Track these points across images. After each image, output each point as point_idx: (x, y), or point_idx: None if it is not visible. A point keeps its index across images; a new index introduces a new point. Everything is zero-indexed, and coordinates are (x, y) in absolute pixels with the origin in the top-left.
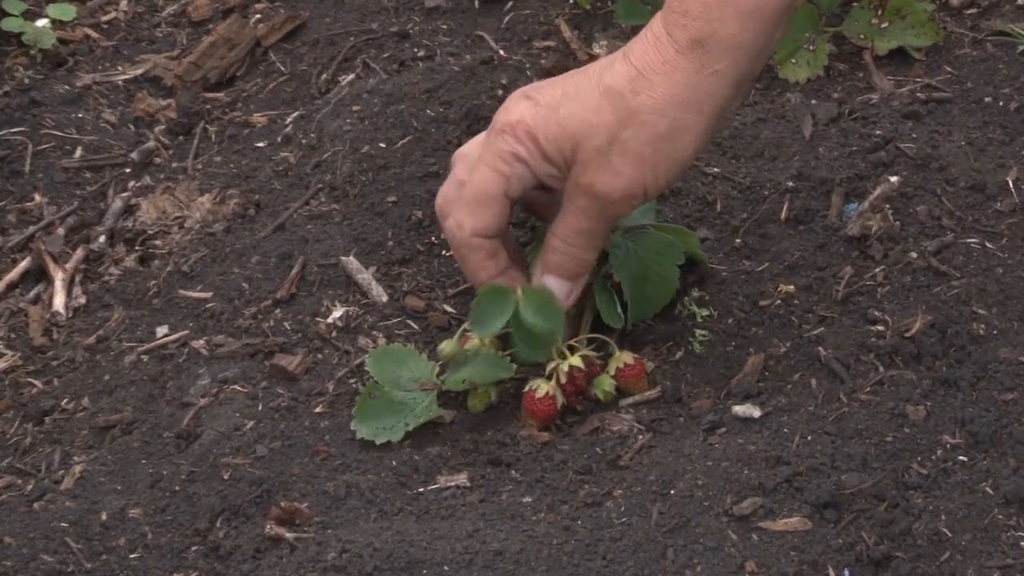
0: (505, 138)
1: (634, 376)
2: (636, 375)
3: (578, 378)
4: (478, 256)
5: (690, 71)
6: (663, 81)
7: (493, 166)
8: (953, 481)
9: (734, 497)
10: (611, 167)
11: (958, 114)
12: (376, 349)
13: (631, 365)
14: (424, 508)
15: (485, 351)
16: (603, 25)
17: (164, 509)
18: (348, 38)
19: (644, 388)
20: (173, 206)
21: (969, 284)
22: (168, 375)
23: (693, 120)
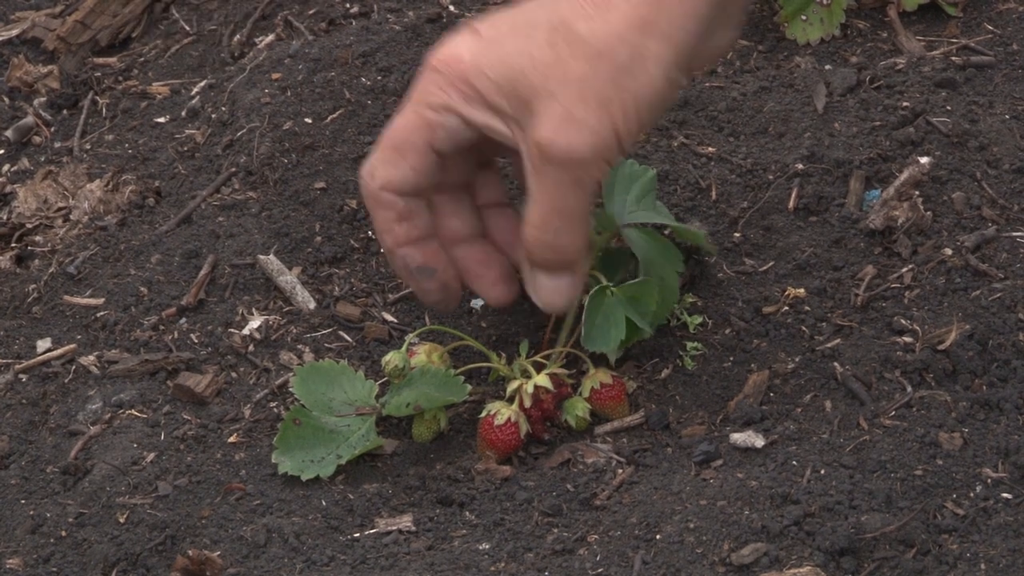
0: (435, 78)
1: (612, 399)
2: (615, 397)
3: (545, 401)
4: (385, 215)
5: None
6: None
7: (417, 110)
8: (995, 523)
9: (732, 543)
10: (572, 117)
11: (1001, 82)
12: (303, 366)
13: (608, 385)
14: (360, 557)
15: (434, 369)
16: None
17: (48, 559)
18: None
19: (625, 412)
20: (56, 194)
21: (1015, 287)
22: (51, 398)
23: (659, 46)
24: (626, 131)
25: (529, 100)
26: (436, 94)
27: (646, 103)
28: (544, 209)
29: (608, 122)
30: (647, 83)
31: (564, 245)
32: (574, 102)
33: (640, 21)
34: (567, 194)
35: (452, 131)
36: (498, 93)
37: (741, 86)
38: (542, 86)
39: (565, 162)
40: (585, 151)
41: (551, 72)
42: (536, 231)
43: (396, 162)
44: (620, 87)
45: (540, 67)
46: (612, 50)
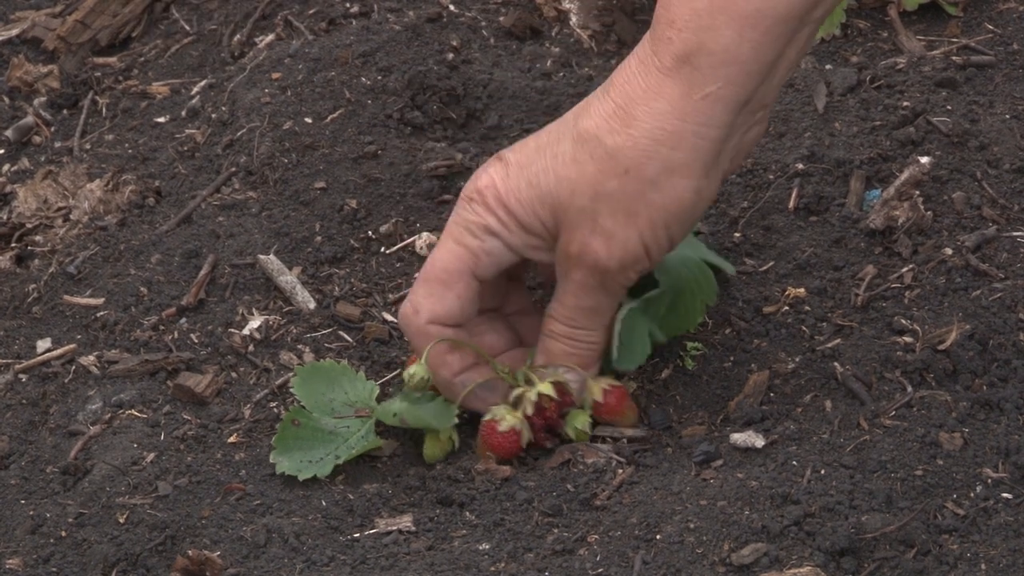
0: (473, 207)
1: (614, 409)
2: (616, 406)
3: (548, 409)
4: (438, 348)
5: (676, 97)
6: (645, 113)
7: (458, 239)
8: (995, 523)
9: (733, 543)
10: (601, 230)
11: (1002, 81)
12: (303, 366)
13: (609, 392)
14: (360, 557)
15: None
16: None
17: (48, 559)
18: None
19: (632, 417)
20: (56, 194)
21: (1015, 286)
22: (51, 398)
23: (686, 157)
24: (655, 244)
25: (560, 216)
26: (475, 220)
27: (674, 216)
28: (570, 305)
29: (636, 236)
30: (674, 197)
31: (586, 341)
32: (603, 217)
33: (664, 135)
34: (593, 295)
35: (495, 256)
36: (531, 215)
37: None
38: (570, 203)
39: (594, 268)
40: (614, 263)
41: (578, 188)
42: (561, 325)
43: (442, 295)
44: (648, 202)
45: (567, 184)
46: (639, 166)
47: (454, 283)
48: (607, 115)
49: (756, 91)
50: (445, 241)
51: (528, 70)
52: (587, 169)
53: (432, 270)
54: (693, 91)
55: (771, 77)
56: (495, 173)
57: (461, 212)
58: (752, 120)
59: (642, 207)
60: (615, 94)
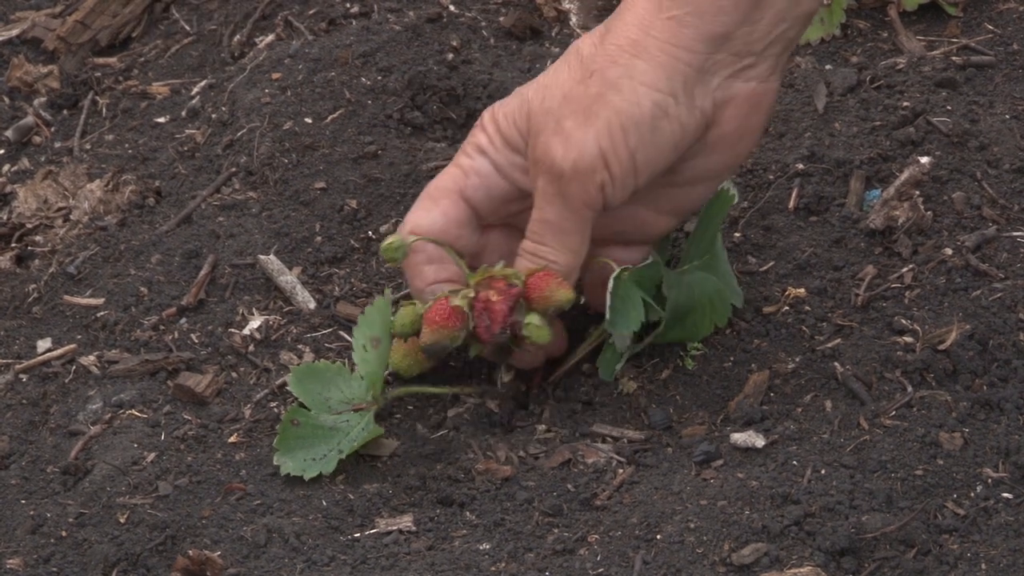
0: (473, 129)
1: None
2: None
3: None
4: (414, 258)
5: (644, 11)
6: (616, 24)
7: (455, 160)
8: (995, 523)
9: (733, 543)
10: (561, 130)
11: (1002, 82)
12: (297, 367)
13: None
14: (361, 557)
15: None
16: None
17: (48, 559)
18: None
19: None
20: (56, 194)
21: (1015, 286)
22: (52, 398)
23: (648, 67)
24: (612, 152)
25: (533, 121)
26: (470, 140)
27: (633, 121)
28: (535, 219)
29: (593, 138)
30: (633, 101)
31: (551, 260)
32: (565, 119)
33: (628, 43)
34: (552, 206)
35: (483, 177)
36: (511, 127)
37: None
38: (541, 108)
39: (550, 173)
40: (567, 165)
41: (549, 92)
42: (527, 242)
43: (428, 208)
44: (605, 102)
45: (542, 89)
46: (602, 68)
47: (441, 199)
48: (594, 32)
49: (735, 30)
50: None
51: (528, 70)
52: (561, 75)
53: (427, 187)
54: (661, 10)
55: (753, 19)
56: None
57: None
58: (739, 64)
59: (601, 108)
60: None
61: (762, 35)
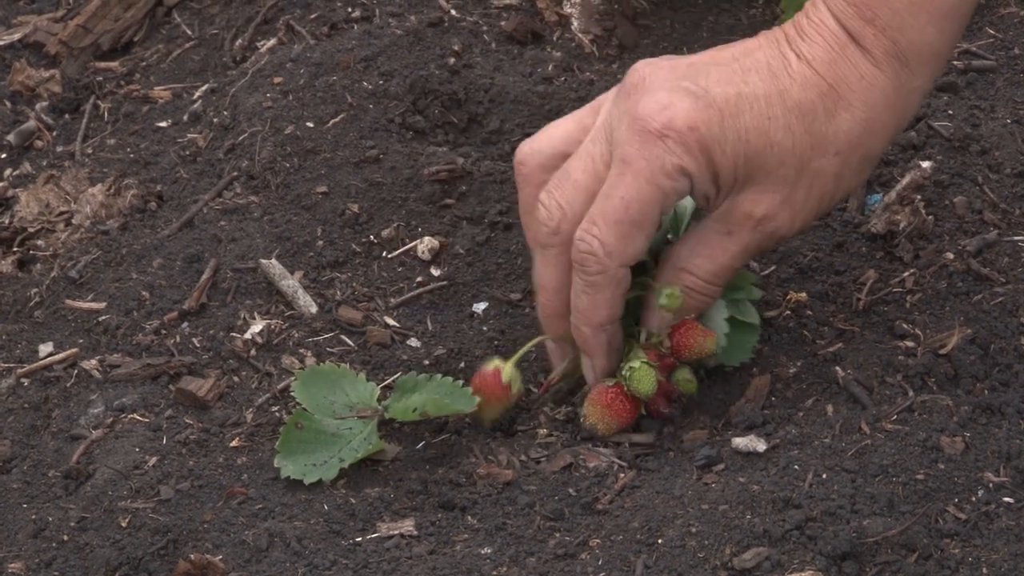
0: (670, 145)
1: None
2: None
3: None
4: (614, 291)
5: (889, 91)
6: (860, 102)
7: (651, 179)
8: (996, 527)
9: (734, 547)
10: (794, 202)
11: (1003, 86)
12: (303, 370)
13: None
14: (362, 561)
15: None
16: None
17: (50, 563)
18: None
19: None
20: (58, 198)
21: (1016, 291)
22: (53, 402)
23: (881, 148)
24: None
25: (758, 176)
26: (673, 162)
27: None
28: (721, 263)
29: (816, 209)
30: (859, 181)
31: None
32: (801, 190)
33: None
34: (747, 257)
35: (681, 194)
36: (731, 170)
37: None
38: (776, 170)
39: (767, 235)
40: (792, 232)
41: (788, 159)
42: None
43: (635, 238)
44: (840, 184)
45: (778, 152)
46: (846, 152)
47: (647, 225)
48: (821, 92)
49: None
50: (637, 179)
51: (530, 75)
52: (802, 143)
53: (627, 210)
54: (903, 86)
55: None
56: (694, 111)
57: (654, 149)
58: None
59: (835, 187)
60: (823, 71)
61: None
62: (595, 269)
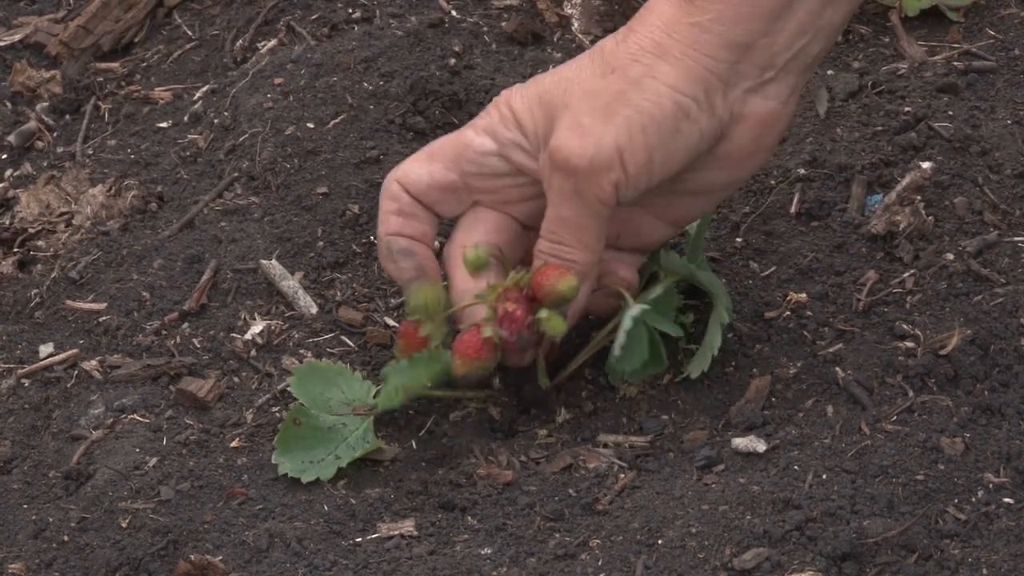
0: (486, 109)
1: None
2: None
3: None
4: (386, 205)
5: (668, 14)
6: (639, 24)
7: (461, 131)
8: (996, 528)
9: (734, 548)
10: (578, 125)
11: (1003, 87)
12: (300, 366)
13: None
14: (362, 562)
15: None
16: None
17: (50, 564)
18: None
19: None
20: (58, 199)
21: (1016, 291)
22: (54, 403)
23: (671, 69)
24: (629, 147)
25: (551, 113)
26: (482, 118)
27: (652, 120)
28: (551, 217)
29: (611, 134)
30: (653, 99)
31: (570, 260)
32: (582, 112)
33: (652, 44)
34: (568, 203)
35: (480, 153)
36: (527, 111)
37: None
38: (561, 100)
39: (565, 169)
40: (583, 159)
41: (571, 86)
42: (543, 241)
43: (420, 164)
44: (626, 100)
45: (563, 83)
46: (624, 66)
47: (435, 159)
48: (618, 32)
49: (757, 40)
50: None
51: (530, 75)
52: (583, 71)
53: (432, 143)
54: (684, 15)
55: (775, 31)
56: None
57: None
58: (760, 77)
59: (621, 105)
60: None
61: (783, 47)
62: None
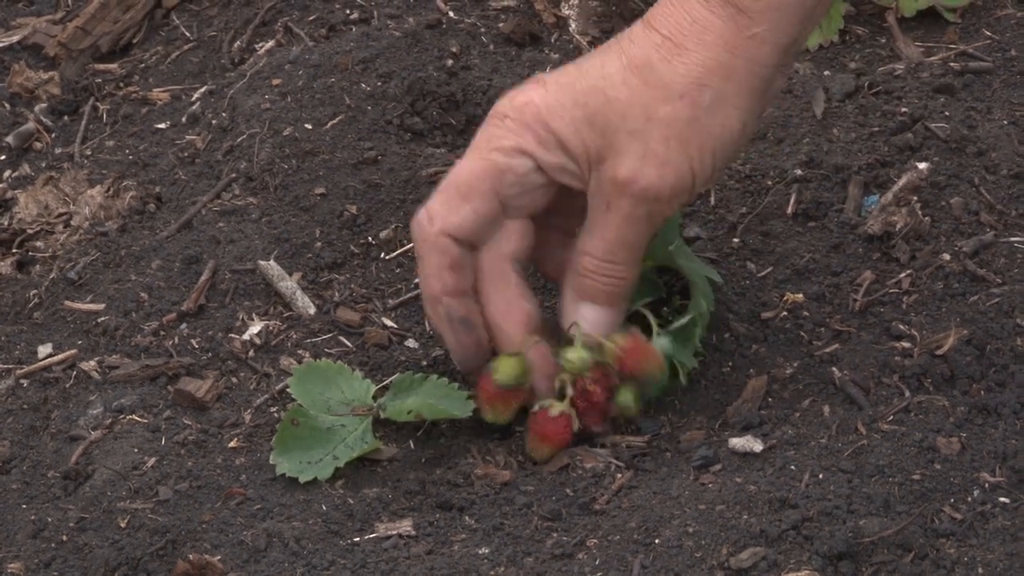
0: (506, 123)
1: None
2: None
3: (593, 393)
4: (437, 260)
5: (725, 33)
6: (695, 44)
7: (484, 155)
8: (992, 527)
9: (731, 547)
10: (653, 155)
11: (1000, 88)
12: (300, 366)
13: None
14: (360, 561)
15: (438, 380)
16: None
17: (49, 563)
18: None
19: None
20: (57, 200)
21: (1012, 292)
22: (53, 403)
23: (737, 89)
24: (701, 172)
25: (608, 138)
26: (507, 138)
27: (723, 145)
28: (610, 238)
29: (687, 162)
30: (726, 125)
31: (621, 278)
32: (656, 141)
33: (719, 66)
34: (636, 228)
35: (521, 175)
36: (575, 134)
37: None
38: (622, 125)
39: (642, 198)
40: (664, 189)
41: (630, 111)
42: (597, 260)
43: (458, 207)
44: (700, 129)
45: (618, 106)
46: (693, 93)
47: (473, 196)
48: (656, 44)
49: (799, 33)
50: (470, 155)
51: (528, 76)
52: (639, 93)
53: (454, 181)
54: (741, 30)
55: (810, 22)
56: (533, 92)
57: (491, 129)
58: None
59: (694, 133)
60: (659, 26)
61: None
62: (417, 236)
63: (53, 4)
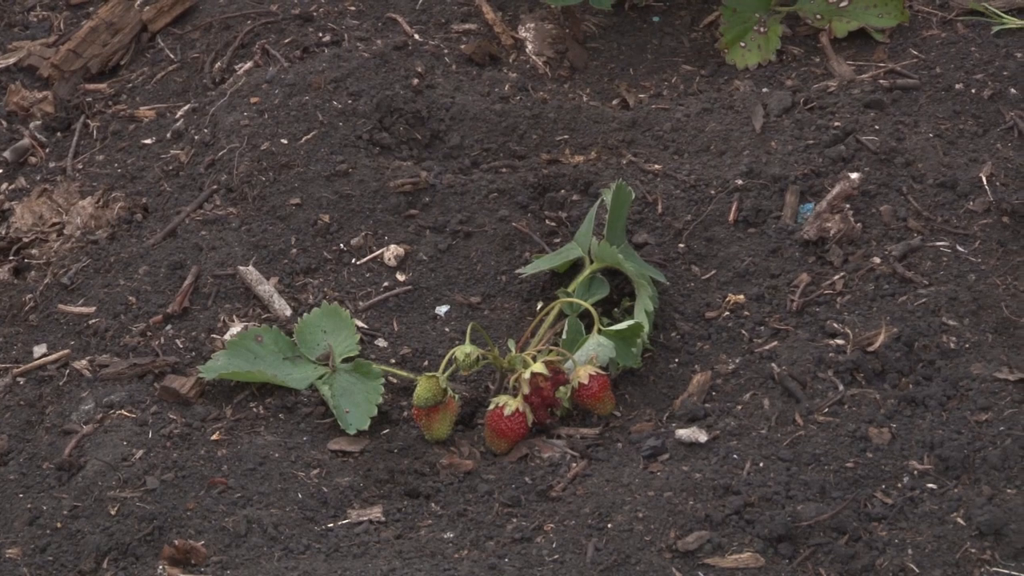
0: None
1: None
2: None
3: (544, 388)
4: None
5: None
6: None
7: None
8: (921, 511)
9: (678, 531)
10: None
11: (926, 103)
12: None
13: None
14: (334, 545)
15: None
16: (529, 5)
17: (44, 549)
18: (245, 22)
19: (609, 408)
20: (51, 211)
21: (938, 292)
22: (47, 399)
23: None
24: None
25: None
26: None
27: None
28: None
29: None
30: None
31: None
32: None
33: None
34: None
35: None
36: None
37: (685, 108)
38: None
39: None
40: None
41: None
42: None
43: None
44: None
45: None
46: None
47: None
48: None
49: None
50: None
51: (487, 94)
52: None
53: None
54: None
55: None
56: None
57: None
58: None
59: None
60: None
61: None
62: None
63: (47, 28)
